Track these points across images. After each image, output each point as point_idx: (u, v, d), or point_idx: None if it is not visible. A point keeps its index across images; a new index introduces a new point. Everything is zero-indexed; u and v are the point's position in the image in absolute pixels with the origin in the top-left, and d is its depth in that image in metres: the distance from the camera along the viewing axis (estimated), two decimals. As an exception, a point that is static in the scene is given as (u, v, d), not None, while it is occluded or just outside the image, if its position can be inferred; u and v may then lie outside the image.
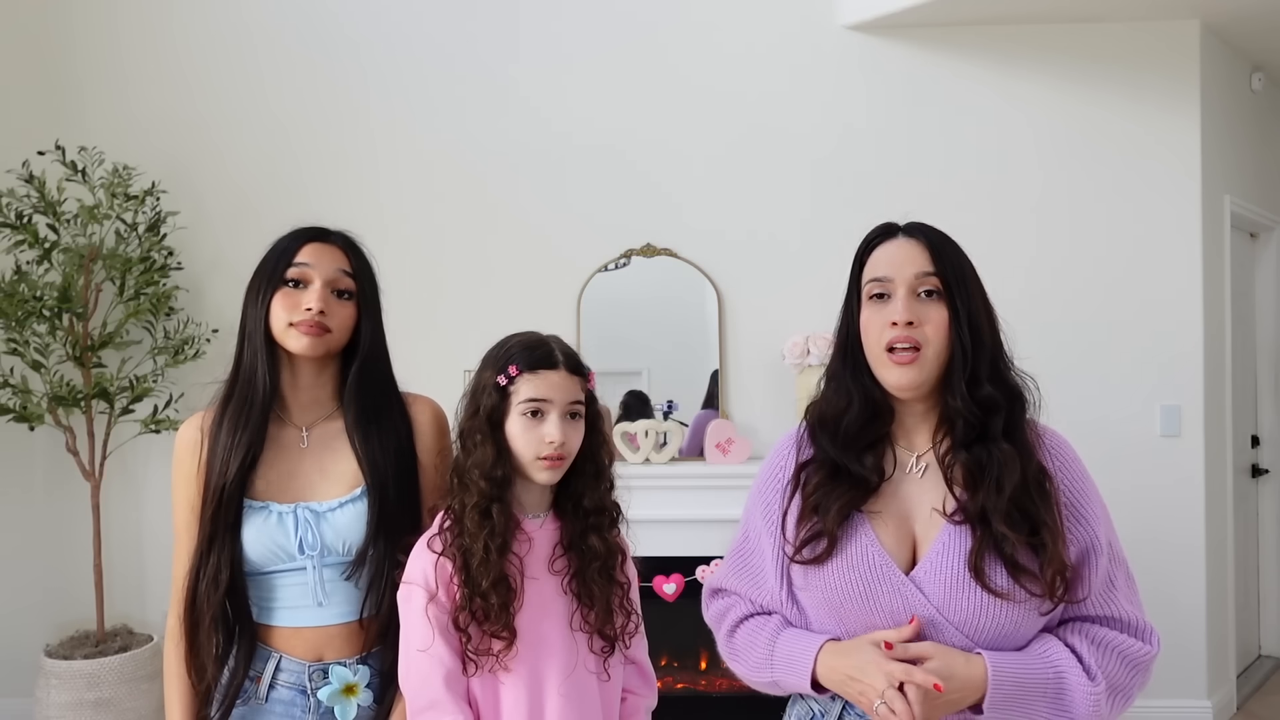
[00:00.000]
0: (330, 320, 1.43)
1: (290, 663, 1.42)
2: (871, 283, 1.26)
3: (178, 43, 3.58)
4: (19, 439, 3.45)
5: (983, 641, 1.18)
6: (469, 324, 3.44)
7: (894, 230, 1.30)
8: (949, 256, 1.25)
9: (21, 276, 3.19)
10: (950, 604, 1.18)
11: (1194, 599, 3.46)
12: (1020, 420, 1.24)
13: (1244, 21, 3.52)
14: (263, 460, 1.43)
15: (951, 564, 1.18)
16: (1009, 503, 1.16)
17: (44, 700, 3.11)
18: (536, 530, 1.38)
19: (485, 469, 1.33)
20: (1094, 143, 3.47)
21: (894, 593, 1.20)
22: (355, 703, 1.42)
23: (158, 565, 3.55)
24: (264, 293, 1.44)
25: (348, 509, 1.43)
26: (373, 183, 3.55)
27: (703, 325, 3.50)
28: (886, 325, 1.23)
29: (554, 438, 1.33)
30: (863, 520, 1.24)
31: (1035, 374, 1.30)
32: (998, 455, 1.19)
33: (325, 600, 1.41)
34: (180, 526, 1.48)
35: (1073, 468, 1.26)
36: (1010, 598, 1.15)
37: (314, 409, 1.49)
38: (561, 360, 1.37)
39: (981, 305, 1.25)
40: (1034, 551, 1.16)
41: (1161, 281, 3.46)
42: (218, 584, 1.38)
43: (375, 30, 3.57)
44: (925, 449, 1.28)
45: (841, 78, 3.52)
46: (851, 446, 1.27)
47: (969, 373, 1.22)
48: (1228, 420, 3.73)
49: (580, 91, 3.56)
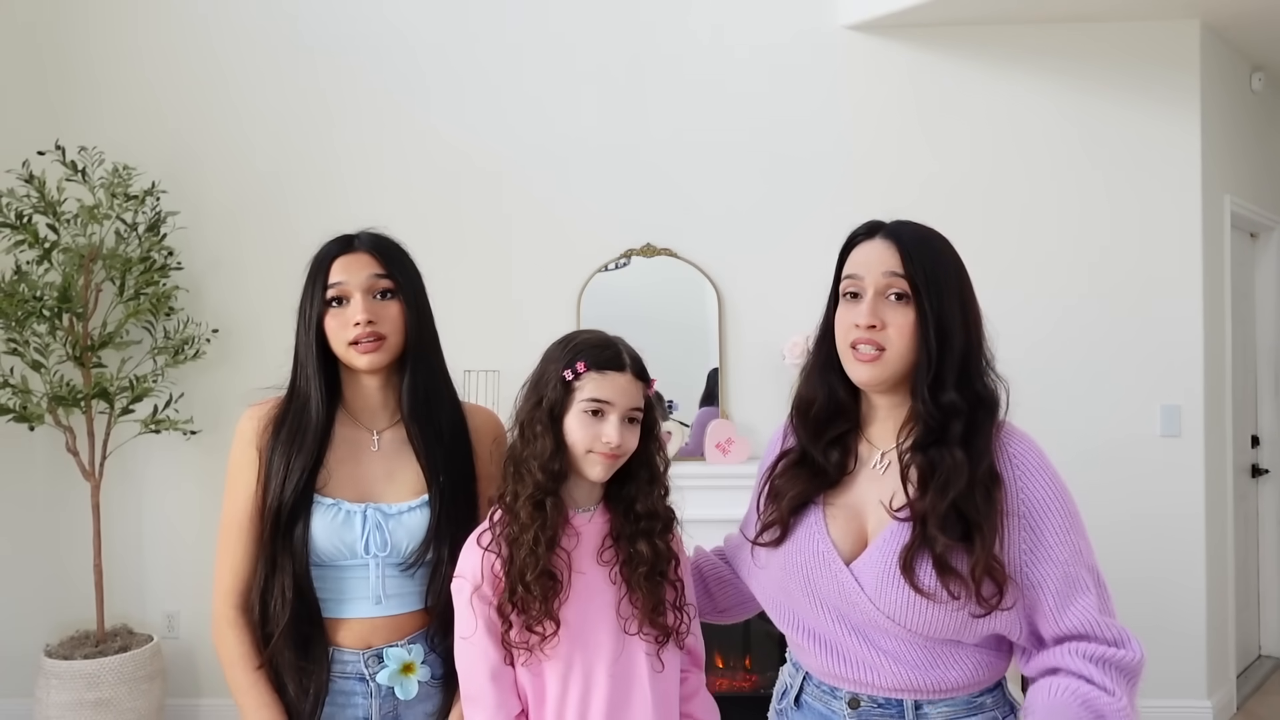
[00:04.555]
0: (381, 326, 1.45)
1: (345, 654, 1.45)
2: (845, 280, 1.29)
3: (178, 43, 3.58)
4: (19, 439, 3.45)
5: (916, 634, 1.21)
6: (469, 324, 3.44)
7: (876, 229, 1.30)
8: (922, 259, 1.24)
9: (21, 276, 3.19)
10: (882, 597, 1.21)
11: (1194, 599, 3.46)
12: (983, 426, 1.23)
13: (1244, 21, 3.52)
14: (332, 458, 1.46)
15: (887, 559, 1.21)
16: (949, 507, 1.18)
17: (44, 700, 3.11)
18: (585, 525, 1.39)
19: (543, 461, 1.33)
20: (1094, 142, 3.47)
21: (832, 580, 1.25)
22: (415, 680, 1.46)
23: (158, 565, 3.56)
24: (310, 315, 1.47)
25: (416, 513, 1.47)
26: (372, 183, 3.55)
27: (703, 325, 3.50)
28: (852, 325, 1.25)
29: (612, 439, 1.32)
30: (816, 510, 1.30)
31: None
32: (948, 460, 1.20)
33: (384, 596, 1.45)
34: (230, 518, 1.49)
35: (1033, 475, 1.23)
36: (934, 598, 1.18)
37: (383, 413, 1.53)
38: (628, 364, 1.36)
39: (957, 309, 1.24)
40: (969, 556, 1.17)
41: (1161, 281, 3.45)
42: (286, 602, 1.41)
43: (375, 30, 3.57)
44: (890, 446, 1.30)
45: (841, 78, 3.52)
46: (818, 439, 1.33)
47: (933, 377, 1.23)
48: (1228, 420, 3.73)
49: (580, 91, 3.55)
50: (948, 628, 1.20)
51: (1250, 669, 4.13)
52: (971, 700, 1.25)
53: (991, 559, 1.16)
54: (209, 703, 3.54)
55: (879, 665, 1.24)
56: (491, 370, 3.32)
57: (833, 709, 1.29)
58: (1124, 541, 3.43)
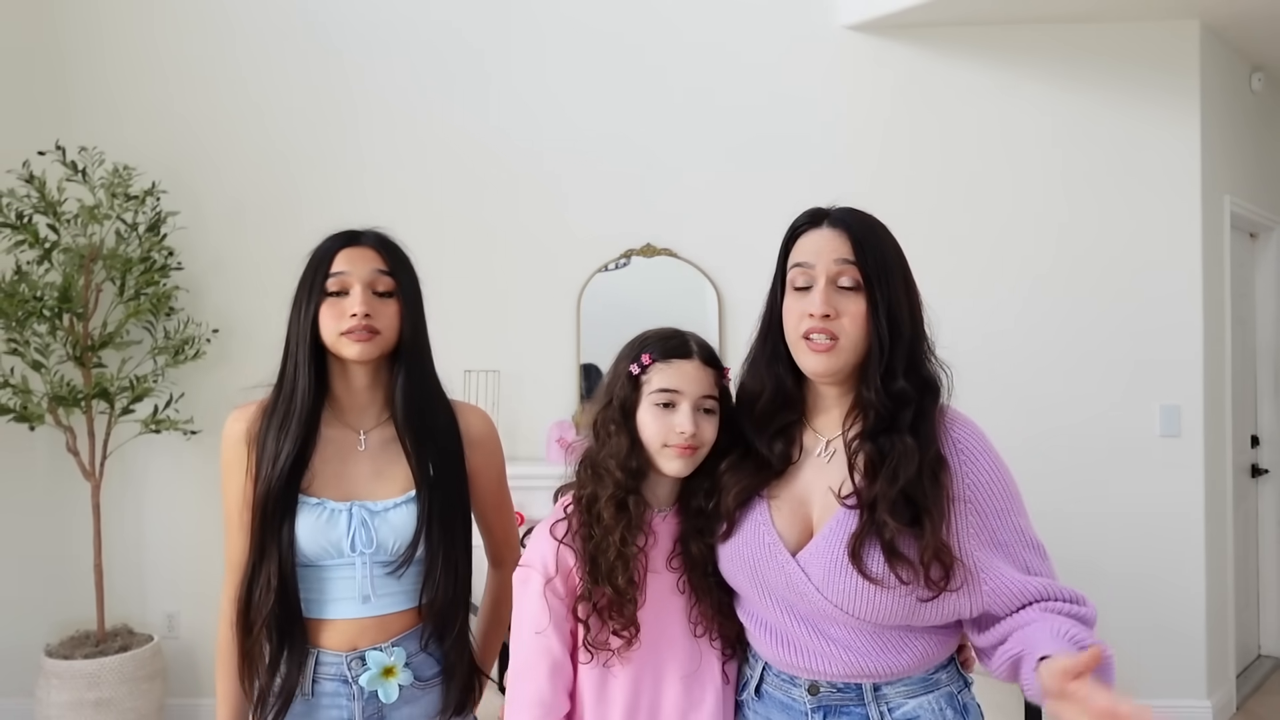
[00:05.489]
0: (377, 321, 1.44)
1: (328, 655, 1.44)
2: (794, 269, 1.28)
3: (177, 43, 3.58)
4: (19, 439, 3.45)
5: (865, 621, 1.21)
6: (470, 324, 3.44)
7: (820, 217, 1.30)
8: (872, 247, 1.25)
9: (22, 276, 3.19)
10: (830, 585, 1.21)
11: (1194, 599, 3.46)
12: (930, 411, 1.24)
13: (1244, 21, 3.52)
14: (317, 459, 1.45)
15: (835, 548, 1.21)
16: (899, 492, 1.18)
17: (44, 700, 3.11)
18: (660, 524, 1.35)
19: (621, 459, 1.30)
20: (1094, 143, 3.47)
21: (779, 571, 1.24)
22: (395, 683, 1.45)
23: (158, 565, 3.56)
24: (307, 305, 1.45)
25: (402, 509, 1.45)
26: (372, 182, 3.55)
27: (703, 325, 3.50)
28: (805, 315, 1.25)
29: (685, 428, 1.28)
30: (762, 502, 1.29)
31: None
32: (899, 447, 1.20)
33: (372, 595, 1.44)
34: (230, 520, 1.50)
35: (977, 459, 1.23)
36: (882, 584, 1.17)
37: (371, 412, 1.51)
38: (695, 350, 1.33)
39: (904, 296, 1.25)
40: (917, 541, 1.17)
41: (1161, 281, 3.46)
42: (270, 589, 1.40)
43: (375, 30, 3.57)
44: (835, 434, 1.30)
45: (841, 78, 3.52)
46: (763, 431, 1.31)
47: (884, 366, 1.23)
48: (1228, 420, 3.73)
49: (580, 91, 3.56)
50: (896, 614, 1.20)
51: (1250, 669, 4.13)
52: (927, 678, 1.27)
53: (940, 543, 1.17)
54: (209, 703, 3.54)
55: (831, 654, 1.24)
56: (491, 370, 3.32)
57: (793, 696, 1.29)
58: (1124, 541, 3.44)
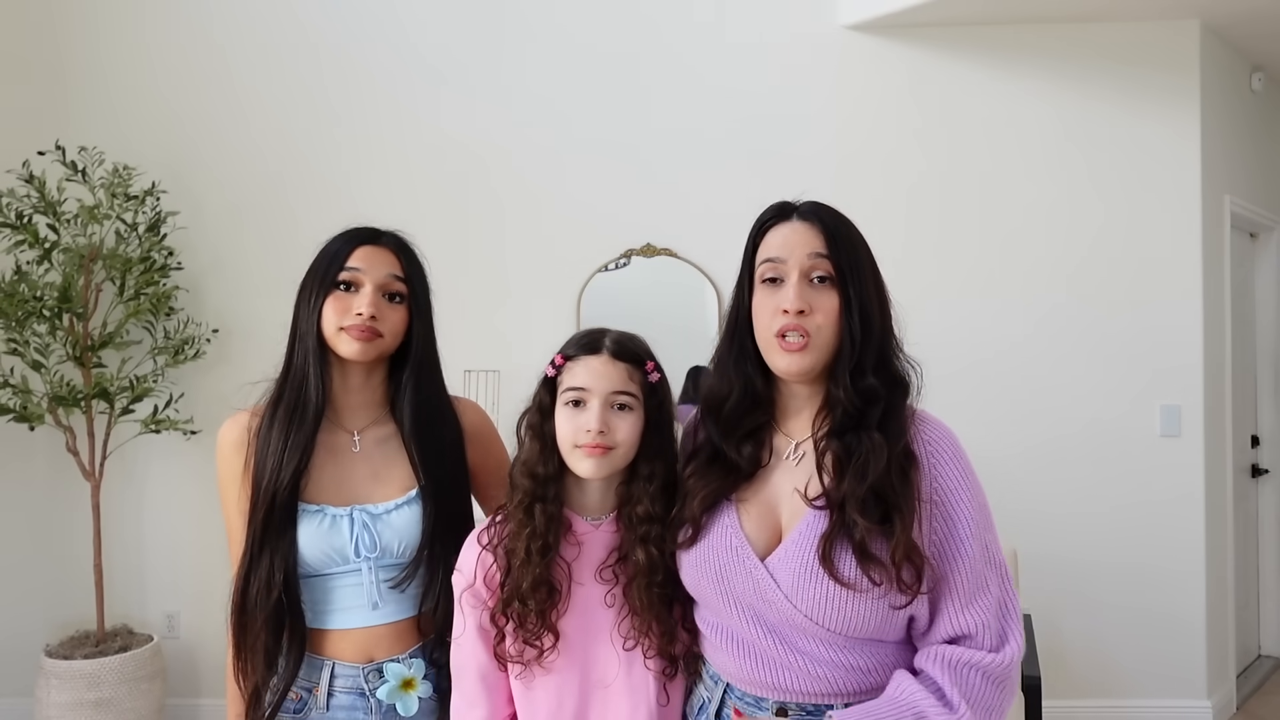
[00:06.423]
0: (382, 325, 1.42)
1: (344, 668, 1.41)
2: (764, 264, 1.23)
3: (178, 43, 3.58)
4: (19, 439, 3.45)
5: (835, 633, 1.16)
6: (469, 324, 3.44)
7: (789, 211, 1.26)
8: (844, 240, 1.22)
9: (21, 276, 3.19)
10: (799, 592, 1.16)
11: (1194, 599, 3.46)
12: (899, 407, 1.21)
13: (1244, 21, 3.52)
14: (313, 464, 1.42)
15: (805, 551, 1.17)
16: (868, 490, 1.14)
17: (44, 700, 3.11)
18: (590, 533, 1.30)
19: (530, 465, 1.28)
20: (1093, 143, 3.47)
21: (746, 578, 1.20)
22: (415, 695, 1.42)
23: (158, 565, 3.56)
24: (316, 296, 1.42)
25: (404, 511, 1.43)
26: (373, 182, 3.55)
27: (703, 325, 3.49)
28: (778, 311, 1.20)
29: (590, 425, 1.23)
30: (729, 507, 1.24)
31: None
32: (867, 443, 1.17)
33: (380, 602, 1.41)
34: (232, 526, 1.49)
35: (947, 464, 1.19)
36: (854, 587, 1.13)
37: (364, 413, 1.49)
38: (606, 346, 1.28)
39: (874, 292, 1.22)
40: (887, 540, 1.13)
41: (1161, 281, 3.45)
42: (270, 588, 1.37)
43: (374, 29, 3.57)
44: (805, 436, 1.25)
45: (841, 78, 3.52)
46: (731, 434, 1.26)
47: (854, 362, 1.19)
48: (1228, 420, 3.73)
49: (581, 91, 3.56)
50: (867, 623, 1.15)
51: (1250, 669, 4.13)
52: None
53: (910, 542, 1.12)
54: (209, 703, 3.54)
55: (799, 667, 1.18)
56: (491, 370, 3.32)
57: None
58: (1124, 541, 3.44)
